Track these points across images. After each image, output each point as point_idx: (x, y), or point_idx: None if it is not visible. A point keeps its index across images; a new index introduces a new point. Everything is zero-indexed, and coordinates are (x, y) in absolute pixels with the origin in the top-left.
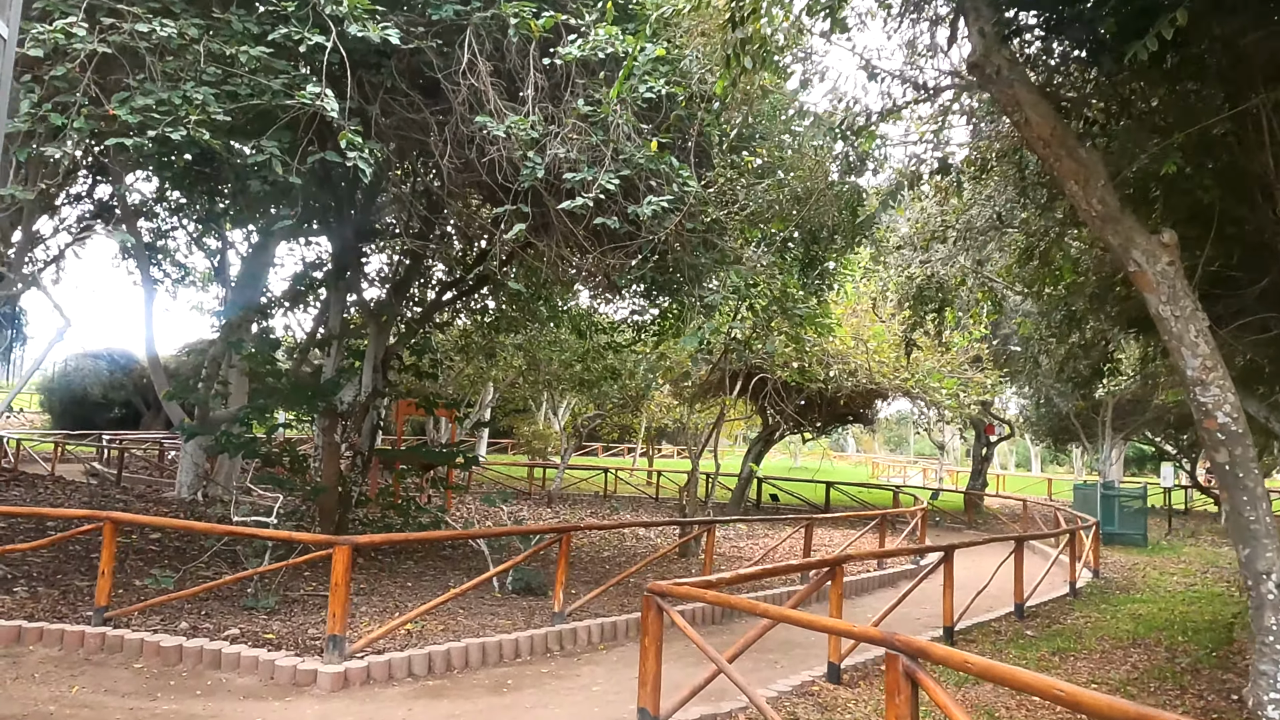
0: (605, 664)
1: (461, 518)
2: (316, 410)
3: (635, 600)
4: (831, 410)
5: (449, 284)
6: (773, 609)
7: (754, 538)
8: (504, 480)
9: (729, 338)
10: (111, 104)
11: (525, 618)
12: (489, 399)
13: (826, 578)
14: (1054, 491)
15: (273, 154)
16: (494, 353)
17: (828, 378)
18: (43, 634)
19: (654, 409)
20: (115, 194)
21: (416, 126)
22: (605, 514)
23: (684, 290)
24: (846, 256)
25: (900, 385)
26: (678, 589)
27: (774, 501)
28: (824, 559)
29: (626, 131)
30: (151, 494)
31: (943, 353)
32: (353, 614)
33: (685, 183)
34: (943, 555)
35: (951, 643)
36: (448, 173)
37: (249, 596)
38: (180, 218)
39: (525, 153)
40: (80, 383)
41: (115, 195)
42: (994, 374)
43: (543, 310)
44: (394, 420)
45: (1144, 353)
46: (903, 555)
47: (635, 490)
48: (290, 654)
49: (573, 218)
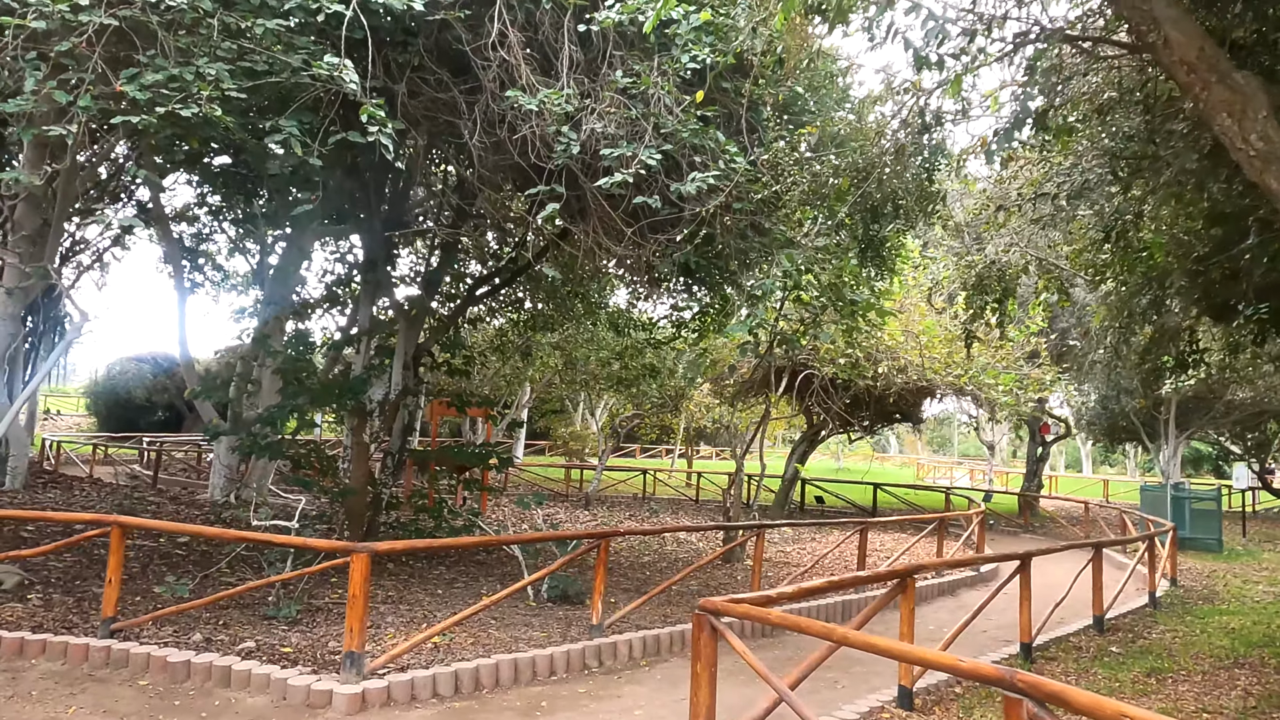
0: (648, 683)
1: (496, 521)
2: (345, 409)
3: (679, 610)
4: (879, 409)
5: (482, 279)
6: (853, 634)
7: (800, 542)
8: (540, 482)
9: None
10: (120, 80)
11: (561, 629)
12: (525, 399)
13: (896, 591)
14: (1110, 493)
15: (291, 134)
16: (530, 352)
17: (876, 374)
18: (45, 646)
19: (692, 409)
20: (149, 191)
21: (445, 107)
22: (645, 517)
23: (730, 278)
24: (905, 240)
25: (953, 382)
26: (735, 607)
27: (819, 504)
28: (894, 570)
29: (668, 104)
30: (185, 496)
31: (997, 348)
32: (377, 624)
33: (732, 159)
34: (1019, 564)
35: (1030, 661)
36: (478, 155)
37: (270, 605)
38: (220, 220)
39: (559, 128)
40: (125, 386)
41: (151, 197)
42: (1052, 369)
43: (579, 306)
44: (429, 421)
45: (1226, 341)
46: (977, 564)
47: (674, 492)
48: (306, 671)
49: (611, 201)
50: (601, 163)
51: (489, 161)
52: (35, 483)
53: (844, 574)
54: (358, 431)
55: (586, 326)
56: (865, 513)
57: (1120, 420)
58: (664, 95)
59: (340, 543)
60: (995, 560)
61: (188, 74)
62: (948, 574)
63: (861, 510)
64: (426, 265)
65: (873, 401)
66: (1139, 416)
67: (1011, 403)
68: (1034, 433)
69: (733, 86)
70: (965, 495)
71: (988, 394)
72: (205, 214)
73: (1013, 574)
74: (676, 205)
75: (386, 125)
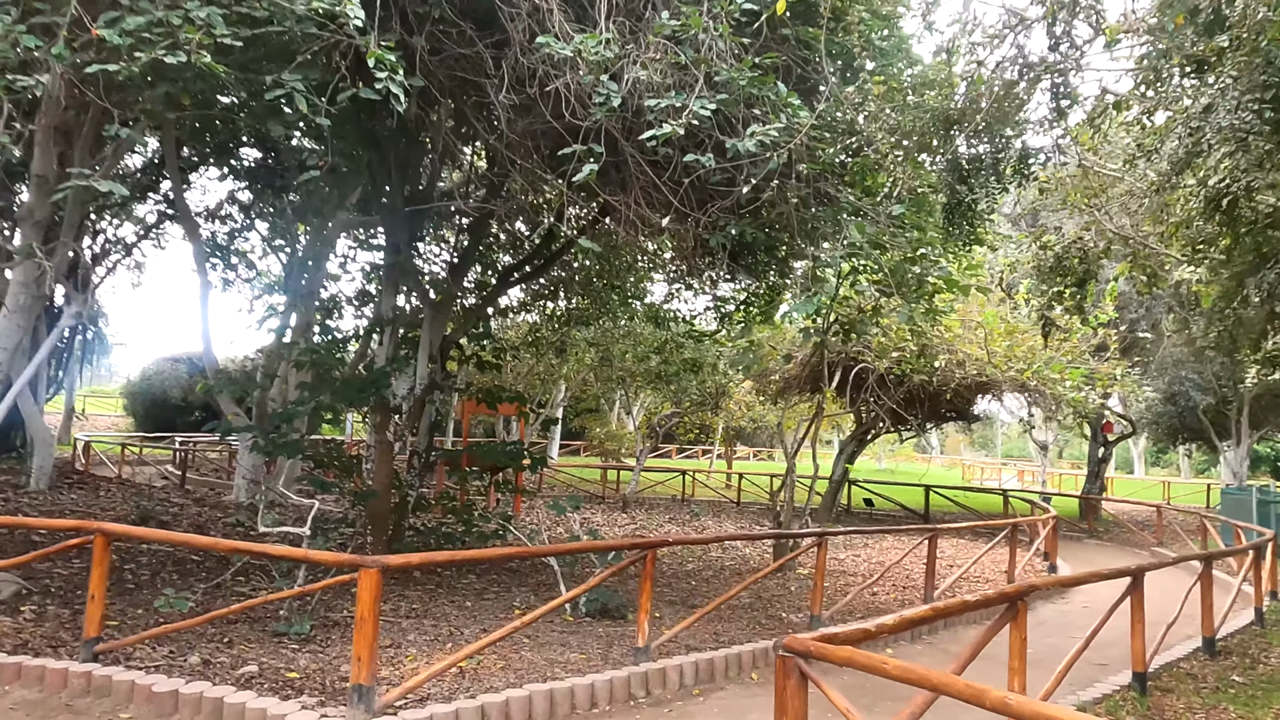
0: (703, 717)
1: (530, 524)
2: (366, 405)
3: (731, 627)
4: (933, 406)
5: (513, 267)
6: (1022, 704)
7: (852, 548)
8: (576, 483)
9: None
10: (97, 25)
11: (602, 650)
12: (560, 398)
13: (1007, 619)
14: (1170, 496)
15: (295, 89)
16: (565, 348)
17: (932, 369)
18: (21, 671)
19: (732, 406)
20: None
21: (469, 64)
22: (686, 520)
23: (786, 257)
24: (997, 202)
25: (1014, 377)
26: (832, 650)
27: (868, 506)
28: (1004, 592)
29: (720, 50)
30: (211, 498)
31: (1061, 340)
32: (398, 642)
33: (796, 112)
34: (1131, 580)
35: (1144, 692)
36: (506, 120)
37: (281, 620)
38: (251, 217)
39: (597, 78)
40: (160, 386)
41: (172, 187)
42: (1121, 364)
43: (615, 300)
44: (461, 420)
45: None
46: (1091, 582)
47: (714, 494)
48: (311, 701)
49: (655, 167)
50: (646, 119)
51: (518, 127)
52: (61, 484)
53: (912, 587)
54: (380, 429)
55: (623, 321)
56: (918, 516)
57: (1185, 418)
58: (716, 40)
59: (347, 556)
60: (1111, 576)
61: (174, 18)
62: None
63: (913, 514)
64: (453, 251)
65: (927, 398)
66: (1208, 414)
67: (1079, 399)
68: (1095, 432)
69: (793, 33)
70: (1022, 498)
71: (1053, 390)
72: (236, 210)
73: (1125, 594)
74: (728, 171)
75: (397, 72)
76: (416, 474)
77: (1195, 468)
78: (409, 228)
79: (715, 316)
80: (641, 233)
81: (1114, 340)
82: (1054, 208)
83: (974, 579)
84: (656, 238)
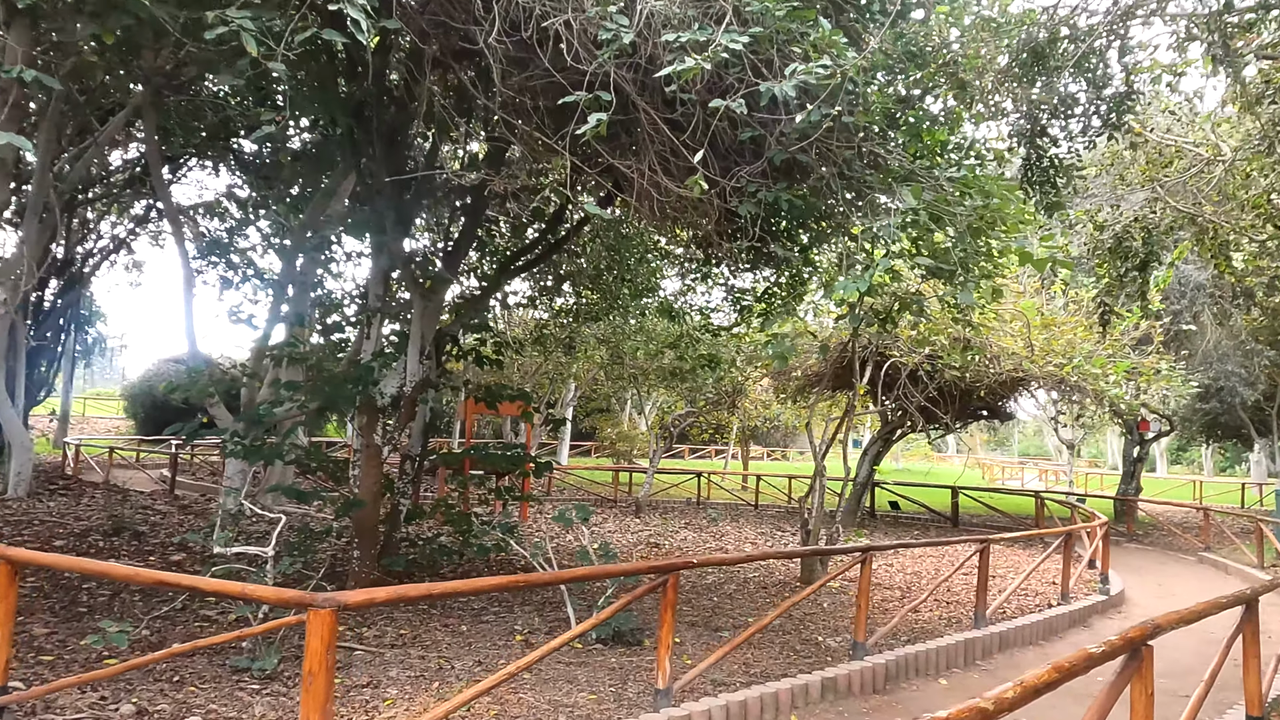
0: None
1: (537, 532)
2: (350, 404)
3: (761, 654)
4: (964, 403)
5: (516, 254)
6: None
7: (883, 556)
8: (586, 486)
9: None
10: None
11: (614, 688)
12: (570, 397)
13: (1130, 671)
14: (1202, 495)
15: (241, 26)
16: (574, 345)
17: (968, 363)
18: None
19: (748, 405)
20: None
21: (456, 6)
22: (703, 526)
23: (824, 233)
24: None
25: (1053, 372)
26: None
27: (893, 509)
28: (1127, 637)
29: None
30: (199, 505)
31: (1102, 332)
32: (376, 681)
33: (841, 54)
34: (1245, 606)
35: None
36: (500, 70)
37: (244, 653)
38: (249, 212)
39: (605, 9)
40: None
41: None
42: (1166, 357)
43: (626, 293)
44: (464, 420)
45: None
46: (1211, 614)
47: (731, 496)
48: None
49: (673, 127)
50: (661, 63)
51: (514, 81)
52: (43, 490)
53: (955, 602)
54: (367, 432)
55: (634, 315)
56: (947, 520)
57: (1223, 415)
58: None
59: (293, 593)
60: (1229, 606)
61: None
62: (1075, 601)
63: (941, 517)
64: (448, 236)
65: (959, 395)
66: (1248, 410)
67: (1121, 395)
68: (1131, 429)
69: None
70: (1058, 500)
71: (1094, 385)
72: (235, 207)
73: (1239, 626)
74: (757, 129)
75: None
76: (409, 480)
77: (1218, 466)
78: (397, 206)
79: (733, 309)
80: (657, 209)
81: (1159, 333)
82: (1109, 186)
83: (1022, 592)
84: (674, 215)
